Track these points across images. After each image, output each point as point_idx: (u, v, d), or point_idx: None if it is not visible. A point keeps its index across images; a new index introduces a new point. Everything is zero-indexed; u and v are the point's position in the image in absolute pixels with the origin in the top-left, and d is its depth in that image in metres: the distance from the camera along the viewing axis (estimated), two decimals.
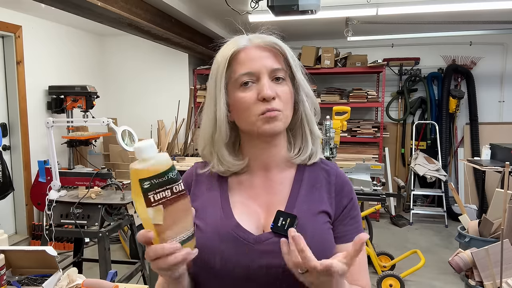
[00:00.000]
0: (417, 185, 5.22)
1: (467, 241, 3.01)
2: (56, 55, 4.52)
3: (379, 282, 2.98)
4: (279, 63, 0.79)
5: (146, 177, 0.59)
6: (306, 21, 4.14)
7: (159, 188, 0.59)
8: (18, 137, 4.01)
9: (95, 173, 2.67)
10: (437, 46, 5.13)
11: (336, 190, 0.84)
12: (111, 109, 5.31)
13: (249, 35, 0.83)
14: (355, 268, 0.78)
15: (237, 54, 0.80)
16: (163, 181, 0.60)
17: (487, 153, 4.25)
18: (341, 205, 0.84)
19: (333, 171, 0.87)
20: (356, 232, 0.82)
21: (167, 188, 0.60)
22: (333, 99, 4.92)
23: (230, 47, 0.81)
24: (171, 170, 0.61)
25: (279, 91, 0.78)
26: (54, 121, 2.50)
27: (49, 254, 1.48)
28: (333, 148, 3.30)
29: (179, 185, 0.62)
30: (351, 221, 0.83)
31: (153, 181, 0.59)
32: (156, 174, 0.59)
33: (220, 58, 0.81)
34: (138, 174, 0.60)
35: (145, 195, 0.59)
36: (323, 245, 0.77)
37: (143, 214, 0.61)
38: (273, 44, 0.80)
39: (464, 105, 5.14)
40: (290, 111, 0.81)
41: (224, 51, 0.82)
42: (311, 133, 0.85)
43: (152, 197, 0.59)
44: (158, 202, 0.59)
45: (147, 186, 0.59)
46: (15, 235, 4.10)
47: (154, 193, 0.59)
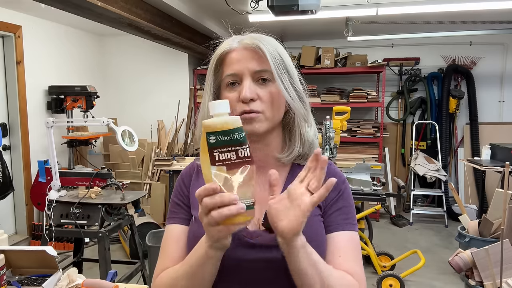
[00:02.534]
0: (417, 185, 5.22)
1: (467, 241, 3.01)
2: (56, 55, 4.52)
3: (379, 282, 2.98)
4: (264, 64, 0.79)
5: (213, 131, 0.60)
6: (306, 21, 4.14)
7: (225, 147, 0.60)
8: (18, 137, 4.01)
9: (95, 173, 2.67)
10: (437, 46, 5.13)
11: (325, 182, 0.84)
12: (111, 109, 5.31)
13: (242, 36, 0.84)
14: (339, 252, 0.80)
15: (227, 55, 0.82)
16: (229, 139, 0.60)
17: (487, 153, 4.25)
18: (328, 197, 0.83)
19: (329, 170, 0.87)
20: (343, 223, 0.82)
21: (232, 150, 0.60)
22: (333, 99, 4.92)
23: (222, 47, 0.83)
24: (239, 130, 0.61)
25: (262, 93, 0.79)
26: (54, 121, 2.50)
27: (49, 254, 1.48)
28: (333, 148, 3.30)
29: (245, 150, 0.61)
30: (337, 212, 0.83)
31: (219, 137, 0.60)
32: (223, 130, 0.60)
33: (212, 60, 0.85)
34: (206, 127, 0.61)
35: (210, 152, 0.60)
36: (316, 238, 0.78)
37: (206, 171, 0.61)
38: (256, 46, 0.80)
39: (464, 105, 5.14)
40: (277, 112, 0.81)
41: (216, 51, 0.84)
42: (300, 135, 0.86)
43: (217, 155, 0.60)
44: (223, 162, 0.60)
45: (213, 141, 0.60)
46: (15, 235, 4.10)
47: (219, 152, 0.60)
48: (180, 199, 0.91)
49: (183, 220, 0.89)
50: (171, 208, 0.92)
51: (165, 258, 0.86)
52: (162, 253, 0.88)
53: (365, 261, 3.55)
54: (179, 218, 0.89)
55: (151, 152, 4.88)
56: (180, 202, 0.90)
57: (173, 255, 0.85)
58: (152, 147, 4.92)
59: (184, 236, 0.87)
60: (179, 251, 0.85)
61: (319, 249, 0.77)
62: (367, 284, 2.93)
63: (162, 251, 0.88)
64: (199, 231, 0.78)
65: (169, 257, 0.86)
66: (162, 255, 0.88)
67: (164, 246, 0.89)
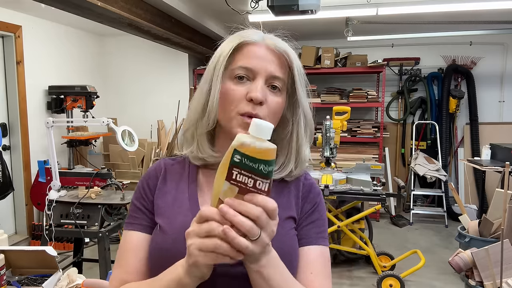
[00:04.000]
0: (417, 185, 5.22)
1: (467, 241, 3.01)
2: (56, 55, 4.51)
3: (379, 282, 2.98)
4: (282, 72, 0.76)
5: (242, 151, 0.56)
6: (306, 21, 4.13)
7: (245, 171, 0.56)
8: (18, 137, 4.01)
9: (95, 173, 2.67)
10: (437, 46, 5.12)
11: (302, 195, 0.83)
12: (111, 109, 5.31)
13: (265, 33, 0.79)
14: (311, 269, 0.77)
15: (244, 46, 0.76)
16: (254, 168, 0.56)
17: (487, 153, 4.25)
18: (304, 209, 0.82)
19: (302, 176, 0.85)
20: (316, 237, 0.80)
21: (252, 177, 0.56)
22: (333, 99, 4.92)
23: (241, 36, 0.77)
24: (268, 164, 0.56)
25: (270, 99, 0.74)
26: (54, 121, 2.50)
27: (49, 254, 1.48)
28: (333, 148, 3.30)
29: (265, 184, 0.57)
30: (311, 225, 0.81)
31: (245, 161, 0.55)
32: (252, 157, 0.55)
33: (226, 45, 0.78)
34: (239, 145, 0.56)
35: (230, 168, 0.56)
36: (290, 254, 0.75)
37: (218, 184, 0.57)
38: (284, 51, 0.76)
39: (464, 105, 5.14)
40: (274, 124, 0.76)
41: (232, 39, 0.78)
42: (297, 155, 0.81)
43: (236, 174, 0.56)
44: (237, 183, 0.56)
45: (236, 160, 0.56)
46: (15, 235, 4.10)
47: (238, 172, 0.56)
48: (142, 203, 0.82)
49: (144, 227, 0.80)
50: (131, 212, 0.83)
51: (121, 269, 0.79)
52: (119, 262, 0.80)
53: (365, 261, 3.56)
54: (139, 224, 0.81)
55: (151, 152, 4.88)
56: (142, 206, 0.82)
57: (131, 267, 0.78)
58: (152, 147, 4.92)
59: (144, 246, 0.79)
60: (137, 264, 0.77)
61: (292, 264, 0.75)
62: (367, 284, 2.93)
63: (118, 260, 0.80)
64: (163, 243, 0.73)
65: (127, 268, 0.78)
66: (119, 265, 0.80)
67: (121, 255, 0.80)
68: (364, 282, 3.23)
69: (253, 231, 0.55)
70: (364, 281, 3.26)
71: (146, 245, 0.79)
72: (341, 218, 3.38)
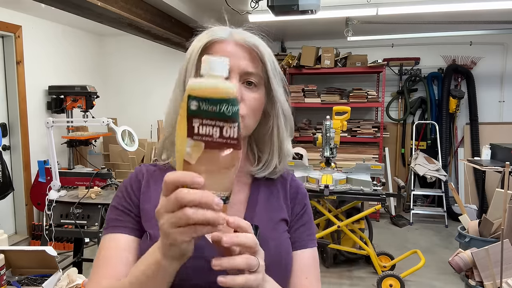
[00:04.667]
0: (417, 185, 5.21)
1: (467, 241, 3.01)
2: (56, 55, 4.51)
3: (379, 282, 2.98)
4: (255, 67, 0.72)
5: (197, 96, 0.48)
6: (306, 21, 4.13)
7: (207, 119, 0.48)
8: (18, 137, 4.01)
9: (95, 173, 2.67)
10: (437, 46, 5.12)
11: (291, 196, 0.82)
12: (111, 109, 5.31)
13: (233, 29, 0.75)
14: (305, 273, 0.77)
15: (212, 45, 0.73)
16: (215, 112, 0.48)
17: (487, 153, 4.25)
18: (294, 211, 0.82)
19: (288, 177, 0.85)
20: (308, 240, 0.80)
21: (216, 125, 0.49)
22: (333, 99, 4.92)
23: (209, 35, 0.73)
24: (230, 103, 0.49)
25: (246, 96, 0.71)
26: (54, 121, 2.50)
27: (49, 254, 1.48)
28: (333, 148, 3.30)
29: (232, 129, 0.49)
30: (302, 228, 0.81)
31: (203, 106, 0.48)
32: (210, 98, 0.48)
33: (194, 45, 0.75)
34: (191, 89, 0.49)
35: (189, 120, 0.49)
36: (286, 259, 0.75)
37: (180, 144, 0.50)
38: (253, 45, 0.72)
39: (464, 105, 5.14)
40: (254, 121, 0.74)
41: (200, 38, 0.75)
42: (279, 150, 0.79)
43: (197, 127, 0.48)
44: (201, 137, 0.48)
45: (194, 108, 0.48)
46: (15, 235, 4.10)
47: (200, 123, 0.48)
48: (126, 207, 0.75)
49: (132, 230, 0.73)
50: (112, 217, 0.75)
51: (106, 276, 0.68)
52: (102, 269, 0.69)
53: (365, 261, 3.56)
54: (125, 227, 0.73)
55: (151, 152, 4.88)
56: (126, 210, 0.75)
57: (121, 272, 0.67)
58: (152, 147, 4.92)
59: (135, 247, 0.71)
60: (128, 269, 0.65)
61: (287, 268, 0.75)
62: (367, 284, 2.93)
63: (101, 267, 0.70)
64: None
65: (115, 274, 0.67)
66: (103, 274, 0.69)
67: (106, 260, 0.70)
68: (364, 282, 3.23)
69: (254, 262, 0.52)
70: (364, 281, 3.26)
71: (136, 248, 0.72)
72: (341, 218, 3.38)
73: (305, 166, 3.46)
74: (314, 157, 4.41)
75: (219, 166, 0.49)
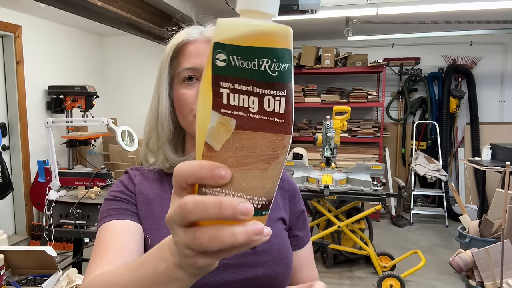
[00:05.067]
0: (417, 185, 5.21)
1: (467, 241, 3.01)
2: (55, 55, 4.51)
3: (380, 283, 2.97)
4: None
5: (227, 42, 0.31)
6: (306, 20, 4.13)
7: (241, 83, 0.31)
8: (18, 137, 4.01)
9: (94, 173, 2.67)
10: (438, 46, 5.12)
11: (289, 195, 0.84)
12: (111, 109, 5.31)
13: (204, 27, 0.75)
14: (308, 266, 0.84)
15: (185, 46, 0.72)
16: (252, 70, 0.31)
17: (488, 153, 4.24)
18: (296, 210, 0.83)
19: (285, 177, 0.85)
20: (307, 237, 0.85)
21: (254, 92, 0.31)
22: (333, 99, 4.91)
23: (180, 36, 0.73)
24: (276, 56, 0.31)
25: None
26: (53, 121, 2.49)
27: (48, 254, 1.47)
28: (333, 148, 3.29)
29: (279, 101, 0.31)
30: (304, 226, 0.84)
31: (233, 60, 0.31)
32: (244, 47, 0.30)
33: (168, 48, 0.74)
34: (218, 31, 0.31)
35: (215, 83, 0.32)
36: (286, 254, 0.76)
37: (202, 118, 0.33)
38: None
39: (464, 105, 5.13)
40: None
41: (173, 40, 0.74)
42: None
43: (226, 94, 0.32)
44: (232, 110, 0.32)
45: (220, 65, 0.31)
46: (14, 236, 4.09)
47: (231, 89, 0.31)
48: (124, 197, 0.72)
49: (133, 216, 0.70)
50: (109, 206, 0.70)
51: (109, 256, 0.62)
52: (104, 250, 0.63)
53: (365, 261, 3.56)
54: (125, 214, 0.69)
55: None
56: (124, 200, 0.71)
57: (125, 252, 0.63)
58: None
59: (140, 234, 0.68)
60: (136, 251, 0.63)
61: (289, 265, 0.76)
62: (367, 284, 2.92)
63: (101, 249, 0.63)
64: None
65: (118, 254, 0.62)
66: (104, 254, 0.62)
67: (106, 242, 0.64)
68: (364, 283, 3.23)
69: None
70: (365, 281, 3.25)
71: (141, 235, 0.67)
72: (341, 218, 3.37)
73: (305, 166, 3.45)
74: (314, 157, 4.40)
75: (255, 157, 0.32)
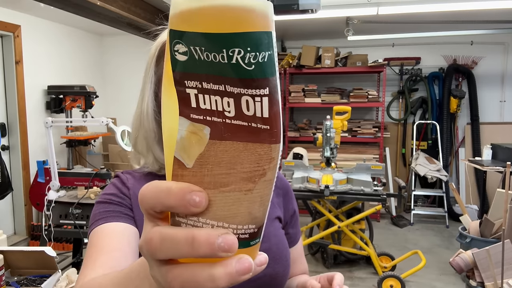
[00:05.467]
0: (418, 185, 5.20)
1: (468, 242, 3.00)
2: (55, 55, 4.50)
3: (380, 283, 2.97)
4: None
5: (184, 30, 0.23)
6: (307, 20, 4.12)
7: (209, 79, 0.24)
8: (17, 137, 4.00)
9: (94, 173, 2.66)
10: (438, 45, 5.11)
11: (283, 193, 0.84)
12: (110, 109, 5.30)
13: None
14: (301, 259, 0.88)
15: None
16: (225, 64, 0.23)
17: (488, 153, 4.24)
18: (290, 207, 0.84)
19: (278, 175, 0.85)
20: (299, 233, 0.89)
21: (227, 92, 0.24)
22: (334, 99, 4.91)
23: (165, 35, 0.69)
24: (252, 43, 0.23)
25: None
26: (53, 121, 2.49)
27: (48, 254, 1.47)
28: (333, 148, 3.29)
29: (260, 102, 0.24)
30: (297, 223, 0.87)
31: (196, 52, 0.24)
32: (207, 34, 0.23)
33: (153, 47, 0.72)
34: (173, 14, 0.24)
35: (178, 83, 0.25)
36: (285, 253, 0.76)
37: (169, 128, 0.26)
38: None
39: (465, 105, 5.13)
40: None
41: (159, 39, 0.72)
42: None
43: (194, 95, 0.25)
44: (204, 116, 0.25)
45: (181, 59, 0.24)
46: (14, 236, 4.09)
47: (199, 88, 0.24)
48: (117, 201, 0.68)
49: (128, 218, 0.65)
50: (101, 209, 0.66)
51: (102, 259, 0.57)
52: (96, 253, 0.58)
53: (365, 261, 3.55)
54: (120, 216, 0.64)
55: None
56: (118, 202, 0.67)
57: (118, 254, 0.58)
58: None
59: (136, 237, 0.63)
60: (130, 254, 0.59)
61: (287, 262, 0.76)
62: (367, 284, 2.92)
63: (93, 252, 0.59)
64: None
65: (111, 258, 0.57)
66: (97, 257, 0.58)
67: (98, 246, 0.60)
68: (365, 283, 3.22)
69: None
70: (365, 281, 3.25)
71: (135, 237, 0.63)
72: (342, 219, 3.37)
73: (305, 166, 3.45)
74: (314, 157, 4.40)
75: (236, 174, 0.25)
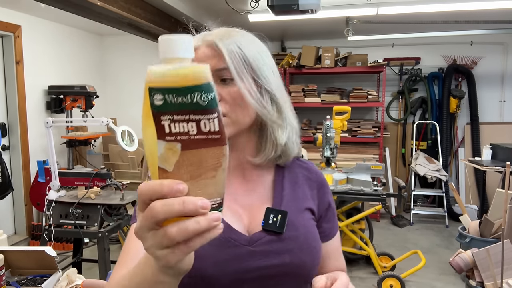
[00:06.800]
0: (417, 185, 5.20)
1: (467, 242, 3.00)
2: (55, 55, 4.50)
3: (380, 283, 2.97)
4: (222, 62, 0.70)
5: (160, 86, 0.38)
6: (306, 20, 4.12)
7: (178, 114, 0.38)
8: (17, 137, 4.00)
9: (94, 173, 2.66)
10: (438, 45, 5.12)
11: (317, 186, 0.85)
12: (111, 109, 5.30)
13: (208, 31, 0.75)
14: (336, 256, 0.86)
15: None
16: (186, 103, 0.38)
17: (488, 153, 4.24)
18: (325, 201, 0.84)
19: (312, 168, 0.87)
20: (335, 228, 0.86)
21: (191, 119, 0.38)
22: (333, 99, 4.91)
23: None
24: (203, 90, 0.38)
25: (224, 93, 0.70)
26: (53, 121, 2.49)
27: (48, 254, 1.47)
28: (333, 148, 3.29)
29: (212, 121, 0.39)
30: (333, 217, 0.86)
31: (170, 98, 0.38)
32: (177, 88, 0.37)
33: None
34: (150, 79, 0.39)
35: (156, 118, 0.39)
36: (314, 244, 0.77)
37: (150, 148, 0.40)
38: (212, 42, 0.71)
39: (464, 105, 5.13)
40: (241, 113, 0.72)
41: None
42: (272, 138, 0.76)
43: (168, 125, 0.38)
44: (176, 137, 0.39)
45: (158, 103, 0.38)
46: (14, 236, 4.09)
47: (171, 120, 0.38)
48: None
49: None
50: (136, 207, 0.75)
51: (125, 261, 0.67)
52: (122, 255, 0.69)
53: (365, 261, 3.55)
54: None
55: None
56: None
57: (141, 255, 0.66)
58: None
59: None
60: None
61: (317, 254, 0.77)
62: (367, 284, 2.93)
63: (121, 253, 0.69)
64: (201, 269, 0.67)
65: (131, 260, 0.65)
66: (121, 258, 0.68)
67: (125, 247, 0.69)
68: (365, 283, 3.22)
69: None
70: (365, 281, 3.25)
71: None
72: (342, 219, 3.37)
73: None
74: (314, 157, 4.40)
75: (203, 168, 0.40)
